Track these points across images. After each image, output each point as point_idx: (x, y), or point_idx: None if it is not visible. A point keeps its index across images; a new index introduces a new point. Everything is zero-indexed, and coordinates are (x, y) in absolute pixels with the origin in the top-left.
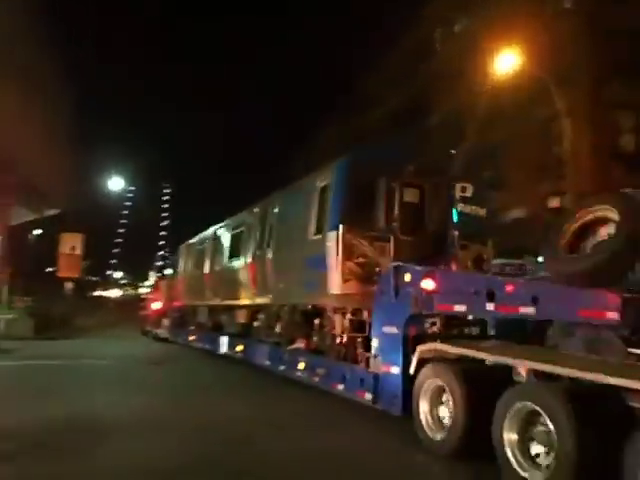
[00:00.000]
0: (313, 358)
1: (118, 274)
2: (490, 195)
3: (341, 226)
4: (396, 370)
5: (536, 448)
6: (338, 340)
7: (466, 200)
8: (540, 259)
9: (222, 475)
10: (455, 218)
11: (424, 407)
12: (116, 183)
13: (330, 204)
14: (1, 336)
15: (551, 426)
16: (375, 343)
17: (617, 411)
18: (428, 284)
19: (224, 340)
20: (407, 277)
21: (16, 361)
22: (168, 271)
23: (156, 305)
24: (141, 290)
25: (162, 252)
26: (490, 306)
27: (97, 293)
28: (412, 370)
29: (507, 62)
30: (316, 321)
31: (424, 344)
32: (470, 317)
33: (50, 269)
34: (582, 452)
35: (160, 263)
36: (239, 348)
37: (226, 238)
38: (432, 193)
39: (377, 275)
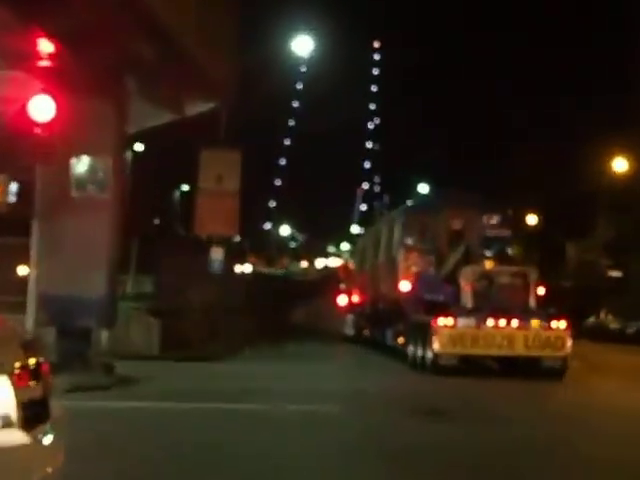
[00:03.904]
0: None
1: (284, 229)
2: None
3: (402, 249)
4: None
5: None
6: None
7: (493, 227)
8: None
9: None
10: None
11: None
12: (303, 45)
13: (398, 233)
14: (106, 351)
15: None
16: None
17: None
18: (405, 285)
19: (380, 329)
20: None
21: (153, 402)
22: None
23: (342, 300)
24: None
25: (366, 185)
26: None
27: (247, 268)
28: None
29: None
30: None
31: None
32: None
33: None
34: None
35: (364, 208)
36: (400, 340)
37: (371, 240)
38: (470, 222)
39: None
